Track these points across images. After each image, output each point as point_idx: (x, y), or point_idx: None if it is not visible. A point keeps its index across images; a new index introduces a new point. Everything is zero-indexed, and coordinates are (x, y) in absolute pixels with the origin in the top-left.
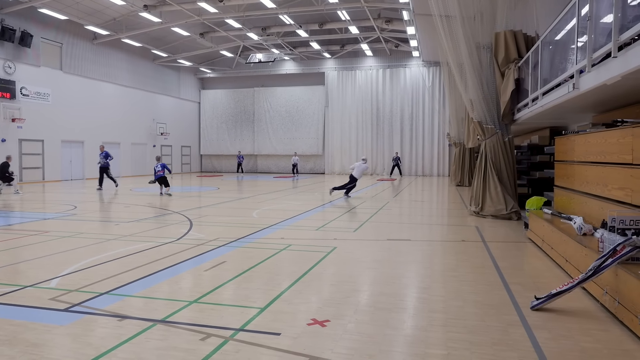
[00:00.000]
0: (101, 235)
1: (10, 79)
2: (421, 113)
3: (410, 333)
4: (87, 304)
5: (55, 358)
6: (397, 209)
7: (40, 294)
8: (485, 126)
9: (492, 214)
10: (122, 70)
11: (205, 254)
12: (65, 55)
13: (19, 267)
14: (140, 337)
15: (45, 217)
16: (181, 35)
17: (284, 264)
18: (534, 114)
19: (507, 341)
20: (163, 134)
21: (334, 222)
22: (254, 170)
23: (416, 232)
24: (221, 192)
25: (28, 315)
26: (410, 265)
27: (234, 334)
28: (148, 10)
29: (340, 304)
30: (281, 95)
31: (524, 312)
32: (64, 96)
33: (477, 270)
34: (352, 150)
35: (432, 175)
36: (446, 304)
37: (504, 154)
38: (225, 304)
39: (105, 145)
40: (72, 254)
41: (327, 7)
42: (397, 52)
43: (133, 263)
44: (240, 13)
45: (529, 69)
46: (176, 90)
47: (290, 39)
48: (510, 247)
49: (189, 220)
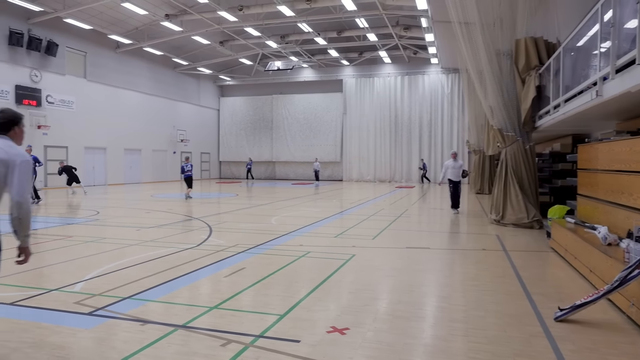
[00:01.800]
0: (123, 241)
1: (36, 87)
2: (440, 120)
3: (430, 342)
4: (110, 308)
5: None
6: (415, 216)
7: (65, 297)
8: (506, 133)
9: (513, 223)
10: (143, 78)
11: (224, 260)
12: (89, 63)
13: (44, 271)
14: (162, 342)
15: (68, 222)
16: (201, 43)
17: (303, 271)
18: (555, 121)
19: (530, 353)
20: (183, 140)
21: (352, 229)
22: (272, 177)
23: (435, 240)
24: (240, 198)
25: (54, 318)
26: (430, 274)
27: (254, 341)
28: (169, 19)
29: (359, 312)
30: (299, 102)
31: (547, 323)
32: (87, 104)
33: (498, 280)
34: (370, 157)
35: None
36: (467, 313)
37: (525, 162)
38: (244, 310)
39: (127, 152)
40: (95, 259)
41: (346, 14)
42: (416, 59)
43: (154, 268)
44: (259, 21)
45: (550, 75)
46: (196, 98)
47: (309, 47)
48: (532, 256)
49: (208, 227)
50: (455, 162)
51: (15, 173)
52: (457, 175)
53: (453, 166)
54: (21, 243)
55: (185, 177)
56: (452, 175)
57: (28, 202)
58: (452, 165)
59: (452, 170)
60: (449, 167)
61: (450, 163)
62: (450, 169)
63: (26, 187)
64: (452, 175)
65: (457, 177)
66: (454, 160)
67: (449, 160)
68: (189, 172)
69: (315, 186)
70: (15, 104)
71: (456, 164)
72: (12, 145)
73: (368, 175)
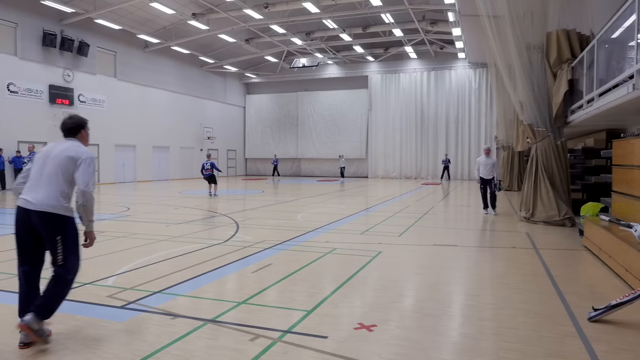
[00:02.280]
0: (153, 236)
1: (69, 86)
2: (467, 116)
3: (459, 341)
4: (141, 302)
5: (114, 353)
6: (442, 213)
7: (99, 291)
8: (536, 129)
9: (544, 220)
10: (171, 76)
11: (251, 256)
12: (119, 63)
13: None
14: (191, 336)
15: (101, 218)
16: (227, 41)
17: (330, 268)
18: (589, 116)
19: (563, 353)
20: (210, 138)
21: (378, 226)
22: (297, 173)
23: (463, 237)
24: (266, 195)
25: (88, 311)
26: (458, 272)
27: (282, 336)
28: (196, 18)
29: (386, 309)
30: (324, 99)
31: (580, 323)
32: (117, 102)
33: (528, 278)
34: (396, 154)
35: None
36: (497, 312)
37: (557, 158)
38: (272, 305)
39: (156, 149)
40: (127, 254)
41: (371, 10)
42: (442, 54)
43: (183, 264)
44: (284, 19)
45: (583, 69)
46: (222, 96)
47: (334, 43)
48: (564, 254)
49: (235, 223)
50: (487, 159)
51: (81, 168)
52: (490, 172)
53: (485, 163)
54: (86, 228)
55: (207, 177)
56: (483, 172)
57: (91, 192)
58: (483, 162)
59: (483, 167)
60: (481, 164)
61: (482, 159)
62: (481, 166)
63: (90, 179)
64: (483, 172)
65: (488, 174)
66: (486, 157)
67: (481, 157)
68: (208, 171)
69: (340, 183)
70: (49, 103)
71: (488, 161)
72: (79, 146)
73: (394, 172)
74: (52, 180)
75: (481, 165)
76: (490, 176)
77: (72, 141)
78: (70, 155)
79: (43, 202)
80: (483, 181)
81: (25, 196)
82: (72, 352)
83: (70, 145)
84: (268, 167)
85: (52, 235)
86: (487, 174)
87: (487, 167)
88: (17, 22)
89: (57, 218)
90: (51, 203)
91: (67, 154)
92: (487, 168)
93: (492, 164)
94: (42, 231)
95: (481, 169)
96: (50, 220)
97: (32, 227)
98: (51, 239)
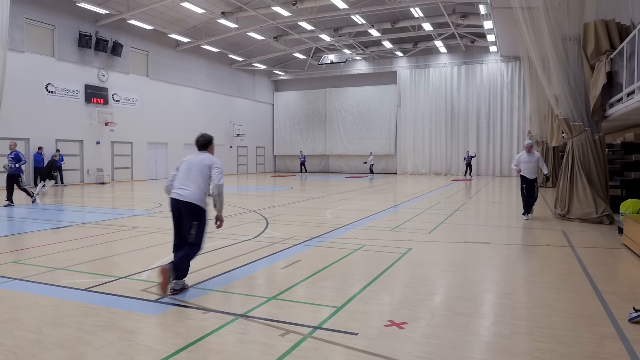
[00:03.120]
0: None
1: (103, 86)
2: (499, 110)
3: (492, 340)
4: (174, 296)
5: (149, 345)
6: (473, 210)
7: (133, 285)
8: (573, 123)
9: (580, 217)
10: (201, 75)
11: (280, 252)
12: (151, 62)
13: (114, 260)
14: (223, 330)
15: (134, 214)
16: (256, 39)
17: (359, 264)
18: (629, 109)
19: (602, 355)
20: (239, 135)
21: (408, 223)
22: (326, 170)
23: (495, 234)
24: (294, 191)
25: (123, 304)
26: (490, 270)
27: (312, 332)
28: (225, 16)
29: (417, 307)
30: (353, 95)
31: (620, 325)
32: (149, 101)
33: (564, 277)
34: (426, 150)
35: (512, 175)
36: (531, 311)
37: (594, 153)
38: (301, 301)
39: (187, 147)
40: (159, 249)
41: (400, 4)
42: (473, 48)
43: (214, 259)
44: (312, 15)
45: (623, 61)
46: (251, 93)
47: (362, 39)
48: (602, 253)
49: (264, 219)
50: (529, 156)
51: (214, 170)
52: (533, 171)
53: (527, 160)
54: (217, 213)
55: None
56: (525, 171)
57: (222, 185)
58: (525, 160)
59: (524, 165)
60: (521, 162)
61: (523, 157)
62: (522, 164)
63: (221, 177)
64: (525, 171)
65: (531, 173)
66: (527, 154)
67: (521, 153)
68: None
69: (369, 179)
70: (85, 102)
71: (531, 158)
72: (210, 156)
73: (423, 168)
74: (197, 180)
75: (522, 163)
76: (533, 176)
77: (205, 153)
78: (206, 163)
79: (191, 196)
80: (525, 180)
81: (178, 191)
82: (109, 344)
83: (205, 156)
84: (296, 164)
85: (191, 220)
86: (530, 172)
87: (530, 165)
88: (55, 24)
89: (197, 208)
90: (195, 197)
91: (205, 162)
92: (529, 166)
93: (535, 160)
94: (185, 216)
95: (522, 168)
96: (193, 209)
97: (180, 212)
98: (189, 222)
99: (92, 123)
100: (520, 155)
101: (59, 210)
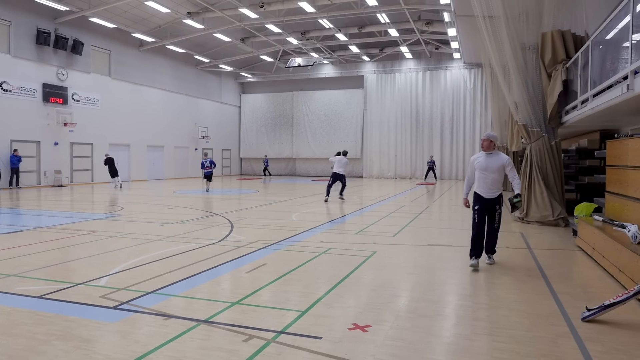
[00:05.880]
0: (146, 236)
1: (63, 85)
2: (462, 116)
3: (453, 341)
4: (134, 302)
5: (106, 354)
6: (437, 213)
7: (91, 291)
8: (531, 129)
9: (538, 220)
10: (166, 75)
11: (245, 256)
12: (113, 62)
13: (71, 265)
14: (184, 337)
15: (94, 218)
16: (223, 41)
17: (324, 268)
18: (583, 116)
19: (557, 353)
20: (205, 137)
21: (373, 226)
22: (293, 173)
23: (458, 237)
24: (260, 195)
25: (80, 311)
26: (452, 272)
27: (276, 337)
28: (191, 17)
29: (381, 310)
30: (320, 99)
31: (574, 323)
32: (111, 101)
33: (522, 279)
34: (391, 153)
35: None
36: (490, 312)
37: (551, 158)
38: (266, 306)
39: (150, 149)
40: (120, 254)
41: (367, 10)
42: (438, 54)
43: (176, 264)
44: (280, 18)
45: (577, 70)
46: (217, 95)
47: (330, 43)
48: (558, 254)
49: (229, 223)
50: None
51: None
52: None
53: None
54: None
55: (206, 174)
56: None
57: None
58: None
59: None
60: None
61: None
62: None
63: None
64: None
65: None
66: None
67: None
68: (208, 169)
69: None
70: (43, 101)
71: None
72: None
73: (388, 172)
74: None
75: (478, 171)
76: (494, 193)
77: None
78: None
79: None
80: (480, 200)
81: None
82: (64, 353)
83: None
84: (262, 167)
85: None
86: (488, 187)
87: (490, 175)
88: (11, 20)
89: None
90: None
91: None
92: (489, 177)
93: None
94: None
95: (478, 180)
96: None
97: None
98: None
99: (50, 123)
100: (476, 159)
101: (13, 214)
